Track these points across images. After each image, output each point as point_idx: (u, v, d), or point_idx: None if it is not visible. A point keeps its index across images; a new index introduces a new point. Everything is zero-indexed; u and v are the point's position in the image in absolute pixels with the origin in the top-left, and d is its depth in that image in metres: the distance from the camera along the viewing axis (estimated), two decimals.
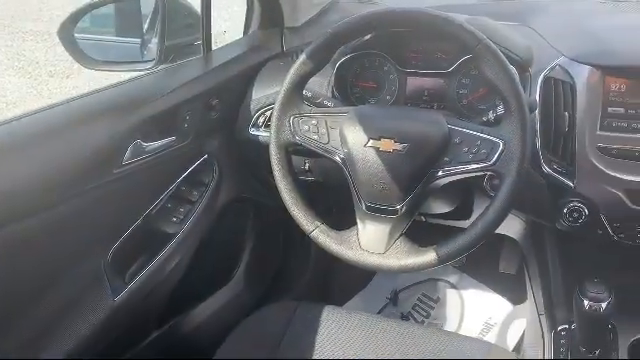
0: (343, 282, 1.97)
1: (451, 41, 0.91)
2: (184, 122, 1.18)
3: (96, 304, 1.06)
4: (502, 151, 0.88)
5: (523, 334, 1.62)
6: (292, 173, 1.03)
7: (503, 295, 1.83)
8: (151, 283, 1.15)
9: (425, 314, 1.86)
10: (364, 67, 1.24)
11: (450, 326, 1.80)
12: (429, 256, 0.92)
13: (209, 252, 1.34)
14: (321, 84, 1.23)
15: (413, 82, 1.21)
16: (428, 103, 1.20)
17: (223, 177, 1.30)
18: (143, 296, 1.14)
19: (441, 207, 1.28)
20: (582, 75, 1.02)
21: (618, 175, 1.00)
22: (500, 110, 0.95)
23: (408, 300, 1.91)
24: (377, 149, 0.94)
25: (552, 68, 1.05)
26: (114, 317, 1.08)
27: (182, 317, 1.35)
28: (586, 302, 0.91)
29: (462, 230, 0.92)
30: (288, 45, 1.44)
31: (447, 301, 1.88)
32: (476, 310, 1.83)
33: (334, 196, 1.02)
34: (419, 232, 1.05)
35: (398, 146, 0.92)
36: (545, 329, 1.20)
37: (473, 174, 0.91)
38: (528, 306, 1.48)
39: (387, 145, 0.93)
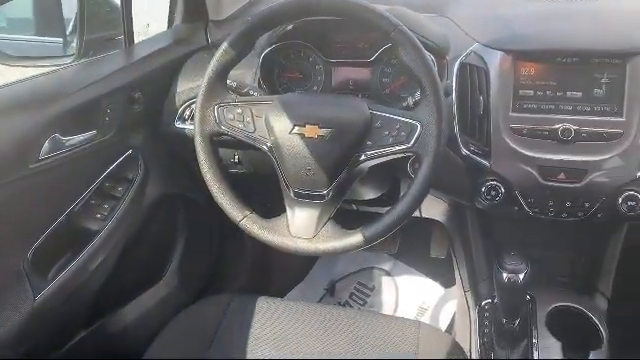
0: (281, 275, 1.98)
1: (368, 28, 0.93)
2: (105, 116, 1.15)
3: (16, 304, 1.02)
4: (420, 133, 0.91)
5: (455, 314, 1.68)
6: (218, 163, 1.03)
7: (435, 279, 1.89)
8: (75, 282, 1.11)
9: (362, 302, 1.90)
10: (290, 58, 1.25)
11: (386, 312, 1.85)
12: (356, 238, 0.94)
13: (138, 249, 1.31)
14: (248, 75, 1.23)
15: (339, 72, 1.23)
16: (354, 92, 1.23)
17: (149, 172, 1.27)
18: (67, 295, 1.10)
19: (370, 193, 1.31)
20: (494, 60, 1.07)
21: (530, 153, 1.05)
22: (418, 95, 0.99)
23: (345, 290, 1.94)
24: (302, 135, 0.95)
25: (467, 55, 1.10)
26: (37, 317, 1.04)
27: (111, 316, 1.31)
28: (505, 275, 0.96)
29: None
30: (213, 38, 1.43)
31: (382, 288, 1.93)
32: (410, 295, 1.88)
33: (265, 186, 1.02)
34: (348, 217, 1.07)
35: (322, 132, 0.94)
36: (471, 305, 1.25)
37: (394, 156, 0.94)
38: (458, 287, 1.54)
39: (312, 131, 0.95)
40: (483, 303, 1.19)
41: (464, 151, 1.09)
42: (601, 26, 1.08)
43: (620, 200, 1.02)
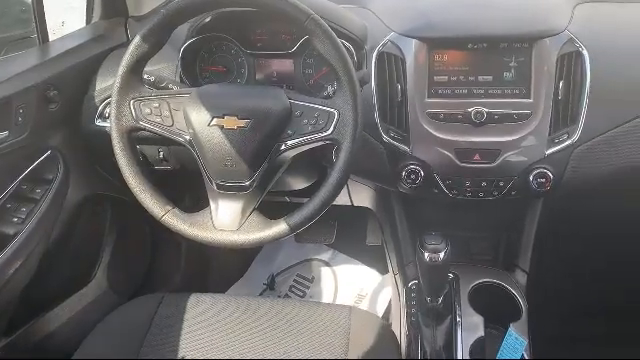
0: (220, 272, 1.97)
1: (281, 18, 0.94)
2: (17, 116, 1.10)
3: None
4: (337, 120, 0.92)
5: (391, 299, 1.72)
6: (138, 160, 1.01)
7: (372, 266, 1.93)
8: None
9: (301, 294, 1.91)
10: (212, 51, 1.24)
11: (325, 301, 1.87)
12: (280, 227, 0.95)
13: (63, 252, 1.28)
14: (168, 69, 1.22)
15: (262, 64, 1.24)
16: (278, 84, 1.23)
17: (70, 173, 1.24)
18: None
19: (299, 183, 1.32)
20: (410, 48, 1.10)
21: (446, 137, 1.09)
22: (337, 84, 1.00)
23: (285, 283, 1.95)
24: (221, 127, 0.94)
25: (384, 44, 1.12)
26: None
27: (36, 321, 1.27)
28: (426, 254, 0.98)
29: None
30: (133, 34, 1.40)
31: (322, 279, 1.95)
32: (348, 283, 1.92)
33: (192, 182, 1.01)
34: (278, 208, 1.08)
35: (242, 122, 0.94)
36: (400, 287, 1.29)
37: (315, 144, 0.95)
38: (391, 272, 1.58)
39: (231, 122, 0.94)
40: (410, 284, 1.22)
41: (385, 138, 1.12)
42: (509, 12, 1.13)
43: (531, 177, 1.07)
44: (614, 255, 1.57)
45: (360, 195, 1.42)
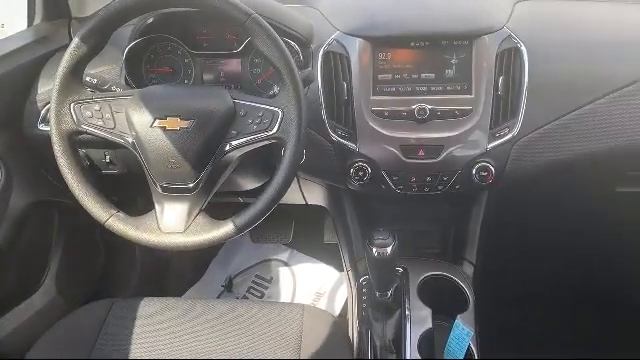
0: (177, 276, 1.95)
1: (222, 18, 0.94)
2: None
3: None
4: (282, 119, 0.93)
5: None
6: (80, 163, 0.99)
7: (330, 264, 1.95)
8: None
9: (260, 295, 1.91)
10: (157, 52, 1.23)
11: (284, 301, 1.87)
12: (227, 228, 0.95)
13: (9, 260, 1.24)
14: (113, 72, 1.20)
15: (208, 65, 1.23)
16: (226, 85, 1.23)
17: (14, 179, 1.20)
18: None
19: (250, 183, 1.32)
20: (354, 47, 1.12)
21: (392, 134, 1.11)
22: None
23: (243, 284, 1.94)
24: (164, 128, 0.94)
25: (330, 43, 1.13)
26: None
27: None
28: (374, 249, 1.00)
29: None
30: None
31: (280, 279, 1.95)
32: (307, 282, 1.92)
33: (142, 185, 1.00)
34: (227, 208, 1.08)
35: (184, 123, 0.93)
36: (352, 283, 1.30)
37: (260, 143, 0.95)
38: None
39: (173, 123, 0.94)
40: (361, 280, 1.24)
41: (333, 136, 1.13)
42: (449, 11, 1.16)
43: (474, 171, 1.11)
44: (556, 244, 1.63)
45: (313, 193, 1.43)
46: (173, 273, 1.94)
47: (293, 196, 1.47)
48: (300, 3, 1.31)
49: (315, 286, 1.90)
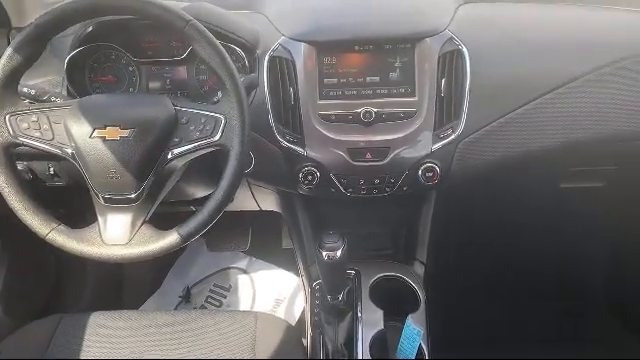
0: (133, 288, 1.91)
1: (161, 25, 0.92)
2: None
3: None
4: (225, 125, 0.92)
5: None
6: (18, 176, 0.96)
7: (289, 270, 1.94)
8: None
9: (218, 304, 1.89)
10: (100, 61, 1.20)
11: (243, 309, 1.86)
12: (172, 238, 0.93)
13: None
14: (54, 82, 1.17)
15: (153, 73, 1.21)
16: (172, 92, 1.22)
17: None
18: None
19: (201, 191, 1.30)
20: (299, 52, 1.12)
21: (339, 137, 1.12)
22: None
23: (201, 294, 1.92)
24: (104, 138, 0.92)
25: (275, 48, 1.13)
26: None
27: None
28: (324, 253, 1.00)
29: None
30: None
31: (239, 287, 1.94)
32: (266, 289, 1.91)
33: (86, 197, 0.98)
34: (174, 218, 1.06)
35: (124, 132, 0.92)
36: (306, 288, 1.30)
37: (203, 151, 0.94)
38: None
39: (113, 133, 0.92)
40: (314, 284, 1.24)
41: (281, 141, 1.13)
42: (392, 15, 1.17)
43: (420, 172, 1.12)
44: (503, 239, 1.67)
45: (266, 199, 1.42)
46: (128, 286, 1.90)
47: (246, 202, 1.46)
48: (247, 9, 1.31)
49: (274, 293, 1.89)
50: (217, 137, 0.93)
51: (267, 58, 1.13)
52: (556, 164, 1.29)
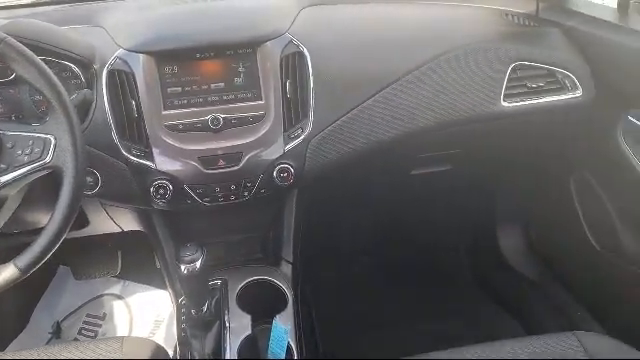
0: None
1: None
2: None
3: None
4: (55, 146, 0.87)
5: None
6: None
7: (166, 289, 1.87)
8: None
9: (93, 334, 1.79)
10: None
11: (120, 335, 1.77)
12: (9, 271, 0.86)
13: None
14: None
15: None
16: (6, 116, 1.12)
17: None
18: None
19: (46, 218, 1.22)
20: (138, 63, 1.09)
21: (189, 147, 1.10)
22: None
23: (73, 326, 1.81)
24: None
25: (112, 62, 1.09)
26: None
27: None
28: (183, 267, 0.98)
29: None
30: None
31: (114, 313, 1.84)
32: (144, 312, 1.84)
33: None
34: (16, 250, 0.98)
35: None
36: (174, 304, 1.27)
37: (34, 175, 0.88)
38: None
39: None
40: (180, 300, 1.21)
41: (127, 157, 1.09)
42: (231, 21, 1.17)
43: (275, 173, 1.13)
44: (367, 231, 1.75)
45: (126, 219, 1.37)
46: None
47: (105, 225, 1.39)
48: (87, 23, 1.25)
49: (152, 315, 1.82)
50: (48, 159, 0.87)
51: (105, 72, 1.09)
52: (405, 153, 1.36)
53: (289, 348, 1.07)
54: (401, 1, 1.40)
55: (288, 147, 1.14)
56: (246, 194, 1.15)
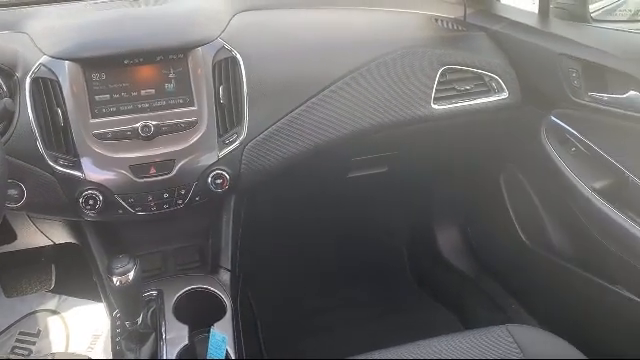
0: None
1: None
2: None
3: None
4: None
5: None
6: None
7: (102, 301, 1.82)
8: None
9: (27, 352, 1.71)
10: None
11: (57, 351, 1.70)
12: None
13: None
14: None
15: None
16: None
17: None
18: None
19: None
20: (64, 71, 1.06)
21: (119, 155, 1.07)
22: None
23: (4, 345, 1.72)
24: None
25: (36, 70, 1.05)
26: None
27: None
28: (115, 279, 0.95)
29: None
30: None
31: (50, 330, 1.77)
32: (81, 327, 1.78)
33: None
34: None
35: None
36: (108, 317, 1.23)
37: None
38: None
39: None
40: (114, 313, 1.18)
41: (54, 167, 1.05)
42: (161, 26, 1.15)
43: (209, 180, 1.12)
44: (307, 235, 1.76)
45: (56, 231, 1.32)
46: None
47: (35, 238, 1.34)
48: (9, 29, 1.20)
49: (91, 329, 1.76)
50: None
51: (28, 81, 1.05)
52: (342, 156, 1.37)
53: (227, 355, 1.06)
54: (335, 7, 1.42)
55: (223, 153, 1.13)
56: (180, 202, 1.13)
